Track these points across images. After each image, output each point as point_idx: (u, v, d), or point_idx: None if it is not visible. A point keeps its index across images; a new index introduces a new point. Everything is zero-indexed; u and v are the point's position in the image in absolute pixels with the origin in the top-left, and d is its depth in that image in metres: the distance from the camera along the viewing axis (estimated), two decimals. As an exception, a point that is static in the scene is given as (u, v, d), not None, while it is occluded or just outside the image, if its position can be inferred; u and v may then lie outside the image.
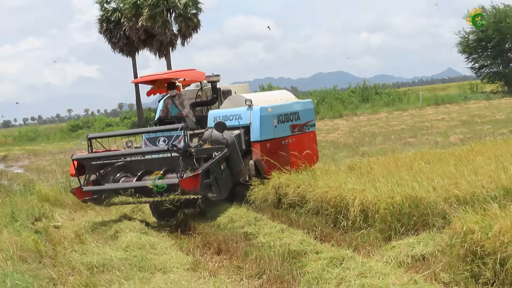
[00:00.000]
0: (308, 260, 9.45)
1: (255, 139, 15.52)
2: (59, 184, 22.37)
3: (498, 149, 14.57)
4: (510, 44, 74.39)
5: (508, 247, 7.11)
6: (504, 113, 39.16)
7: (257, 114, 15.60)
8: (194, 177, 13.37)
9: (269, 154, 15.42)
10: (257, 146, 15.48)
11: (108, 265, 10.15)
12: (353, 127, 41.00)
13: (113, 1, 57.09)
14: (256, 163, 15.38)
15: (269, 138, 15.76)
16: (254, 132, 15.54)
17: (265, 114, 15.74)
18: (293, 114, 16.99)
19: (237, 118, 15.48)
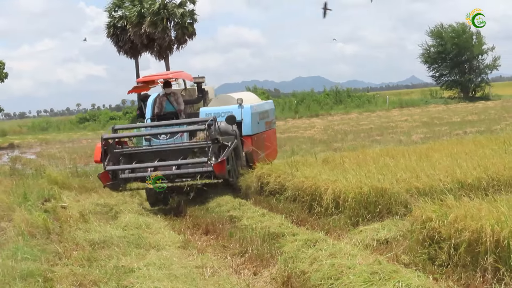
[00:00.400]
0: (285, 241, 9.40)
1: (247, 133, 15.56)
2: (67, 169, 22.29)
3: (453, 147, 14.59)
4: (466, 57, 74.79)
5: (462, 233, 7.09)
6: (459, 116, 39.27)
7: (248, 111, 15.71)
8: (221, 162, 13.46)
9: (256, 147, 15.59)
10: (248, 139, 15.54)
11: (108, 242, 10.14)
12: (327, 125, 41.01)
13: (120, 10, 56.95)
14: (247, 154, 15.41)
15: (256, 133, 15.95)
16: (246, 127, 15.56)
17: (253, 111, 15.88)
18: (266, 113, 17.23)
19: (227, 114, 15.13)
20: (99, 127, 67.40)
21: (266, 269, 8.51)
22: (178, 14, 53.77)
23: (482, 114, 40.53)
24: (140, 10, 54.00)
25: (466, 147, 14.30)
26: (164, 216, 13.62)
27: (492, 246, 6.73)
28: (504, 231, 6.66)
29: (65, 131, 68.41)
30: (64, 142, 46.87)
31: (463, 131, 26.70)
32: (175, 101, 16.25)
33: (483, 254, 6.84)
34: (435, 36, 76.17)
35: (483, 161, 11.43)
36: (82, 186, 18.34)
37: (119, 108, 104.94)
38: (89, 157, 30.77)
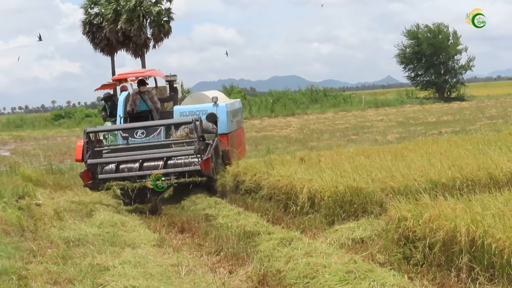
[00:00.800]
0: (261, 240, 9.42)
1: (223, 131, 15.47)
2: (41, 166, 22.14)
3: (428, 147, 14.67)
4: (442, 57, 75.25)
5: (436, 233, 7.14)
6: (435, 117, 39.53)
7: (223, 110, 15.68)
8: (207, 160, 13.49)
9: (230, 145, 15.59)
10: (224, 138, 15.51)
11: (83, 240, 10.08)
12: (303, 124, 41.09)
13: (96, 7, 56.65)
14: (223, 153, 15.36)
15: (230, 131, 15.96)
16: (222, 125, 15.46)
17: (228, 110, 15.88)
18: (237, 111, 17.30)
19: (204, 113, 15.18)
20: (74, 124, 66.95)
21: (241, 268, 8.49)
22: (154, 12, 53.66)
23: (457, 114, 40.84)
24: (116, 7, 53.79)
25: (441, 147, 14.38)
26: (140, 214, 13.58)
27: (467, 245, 6.78)
28: (479, 231, 6.71)
29: (40, 128, 67.85)
30: (39, 139, 46.54)
31: (438, 131, 26.88)
32: (149, 99, 16.01)
33: (457, 253, 6.89)
34: (411, 37, 76.57)
35: (457, 161, 11.52)
36: (57, 183, 18.22)
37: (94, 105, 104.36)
38: (64, 154, 30.66)
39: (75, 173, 20.36)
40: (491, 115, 37.62)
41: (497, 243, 6.47)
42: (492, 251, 6.50)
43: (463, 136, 17.97)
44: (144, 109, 15.91)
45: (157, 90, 17.52)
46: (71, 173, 20.62)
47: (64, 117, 74.28)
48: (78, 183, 18.31)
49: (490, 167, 10.82)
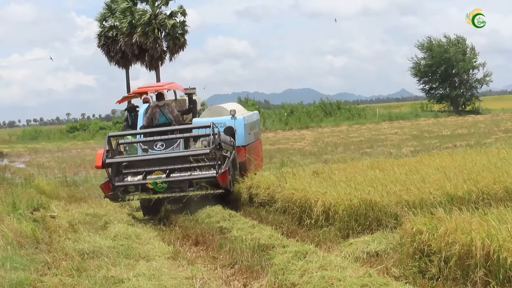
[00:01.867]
0: (275, 253, 9.40)
1: (240, 144, 15.63)
2: (56, 178, 22.25)
3: (443, 160, 14.61)
4: (455, 71, 75.03)
5: (452, 246, 7.11)
6: (449, 130, 39.41)
7: (241, 122, 15.85)
8: (224, 173, 13.69)
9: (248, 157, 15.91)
10: (242, 150, 15.67)
11: (97, 252, 10.09)
12: (317, 137, 41.06)
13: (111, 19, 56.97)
14: (240, 165, 15.52)
15: (248, 144, 16.14)
16: (239, 138, 15.62)
17: (246, 122, 16.04)
18: (254, 123, 17.44)
19: (222, 126, 15.23)
20: (89, 136, 67.29)
21: (256, 281, 8.49)
22: (169, 25, 53.92)
23: (472, 127, 40.68)
24: (131, 20, 54.09)
25: (456, 161, 14.32)
26: (154, 227, 13.61)
27: (482, 259, 6.75)
28: (494, 245, 6.69)
29: (54, 140, 68.24)
30: (53, 152, 46.76)
31: (453, 145, 26.79)
32: (169, 112, 16.07)
33: (473, 267, 6.86)
34: (425, 49, 76.45)
35: (473, 175, 11.46)
36: (72, 195, 18.32)
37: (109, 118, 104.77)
38: (79, 166, 30.78)
39: (90, 185, 20.48)
40: (506, 128, 37.45)
41: (512, 257, 6.44)
42: (508, 265, 6.47)
43: (478, 150, 17.90)
44: (164, 122, 15.92)
45: (177, 103, 17.57)
46: (85, 185, 20.72)
47: (78, 130, 74.71)
48: (93, 195, 18.43)
49: (506, 180, 10.75)
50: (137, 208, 16.15)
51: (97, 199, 17.90)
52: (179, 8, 55.23)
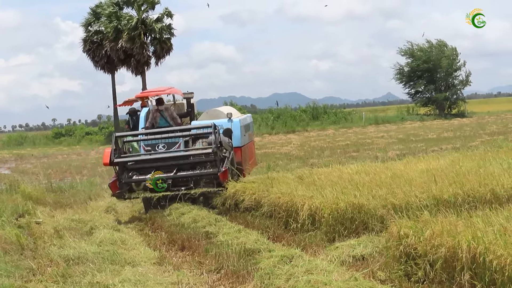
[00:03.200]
0: (261, 257, 9.38)
1: (237, 145, 16.31)
2: (41, 184, 22.12)
3: (429, 164, 14.65)
4: (441, 74, 75.27)
5: (438, 249, 7.12)
6: (435, 133, 39.52)
7: (237, 125, 16.65)
8: (225, 172, 14.64)
9: (243, 158, 16.56)
10: (238, 151, 16.33)
11: (83, 258, 10.04)
12: (304, 141, 41.06)
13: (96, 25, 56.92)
14: (237, 165, 16.07)
15: (243, 145, 16.81)
16: (236, 139, 16.35)
17: (241, 125, 16.81)
18: (248, 126, 18.34)
19: (220, 128, 15.68)
20: (75, 142, 67.11)
21: (242, 286, 8.48)
22: (157, 28, 53.88)
23: (458, 131, 40.81)
24: (116, 25, 54.02)
25: (442, 164, 14.36)
26: (140, 232, 13.57)
27: (468, 262, 6.76)
28: (480, 247, 6.69)
29: (40, 146, 67.96)
30: (39, 157, 46.56)
31: (439, 148, 26.86)
32: (169, 116, 16.81)
33: (459, 270, 6.86)
34: (407, 55, 76.74)
35: (458, 178, 11.50)
36: (57, 201, 18.24)
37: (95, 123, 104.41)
38: (64, 172, 30.66)
39: (75, 191, 20.40)
40: (491, 131, 37.60)
41: (498, 259, 6.45)
42: (494, 268, 6.48)
43: (464, 153, 17.95)
44: (164, 125, 16.59)
45: (175, 107, 18.33)
46: (71, 191, 20.62)
47: (64, 135, 74.45)
48: (79, 201, 18.38)
49: (491, 183, 10.80)
50: (122, 213, 16.10)
51: (82, 204, 17.86)
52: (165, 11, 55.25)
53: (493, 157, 14.79)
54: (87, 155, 46.25)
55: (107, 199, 18.23)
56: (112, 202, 17.24)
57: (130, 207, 17.09)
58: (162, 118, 16.81)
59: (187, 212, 14.06)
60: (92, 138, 67.76)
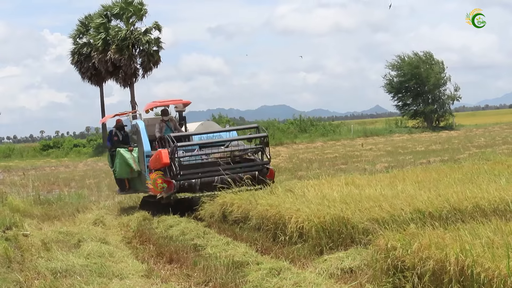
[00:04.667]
0: (249, 270, 9.39)
1: None
2: (29, 197, 22.04)
3: (417, 176, 14.70)
4: (427, 87, 75.51)
5: (426, 262, 7.13)
6: (423, 146, 39.62)
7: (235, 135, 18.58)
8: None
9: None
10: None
11: (70, 271, 10.00)
12: (292, 154, 41.09)
13: (85, 37, 56.90)
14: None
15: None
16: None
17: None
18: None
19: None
20: (63, 154, 66.89)
21: (230, 298, 8.46)
22: (144, 41, 53.89)
23: (446, 143, 40.93)
24: (105, 37, 54.00)
25: (429, 177, 14.41)
26: (128, 245, 13.52)
27: (456, 275, 6.77)
28: (468, 260, 6.71)
29: (28, 158, 67.73)
30: (27, 169, 46.33)
31: (427, 160, 26.92)
32: (173, 126, 18.33)
33: (447, 283, 6.88)
34: (395, 68, 77.05)
35: (446, 191, 11.54)
36: (45, 214, 18.17)
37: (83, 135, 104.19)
38: (52, 184, 30.55)
39: (63, 203, 20.33)
40: (479, 144, 37.73)
41: (486, 272, 6.47)
42: (482, 281, 6.49)
43: (451, 165, 18.01)
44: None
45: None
46: (59, 203, 20.55)
47: (52, 147, 74.10)
48: (66, 213, 18.31)
49: (477, 196, 10.84)
50: (110, 226, 16.05)
51: (70, 217, 17.79)
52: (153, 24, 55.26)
53: (481, 169, 14.85)
54: (75, 167, 46.13)
55: (95, 212, 18.19)
56: (100, 215, 17.20)
57: (118, 219, 17.05)
58: (167, 128, 18.05)
59: (175, 225, 14.08)
60: (80, 150, 67.54)
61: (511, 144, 34.96)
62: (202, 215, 14.80)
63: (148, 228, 14.74)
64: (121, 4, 54.35)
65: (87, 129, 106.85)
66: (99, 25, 54.73)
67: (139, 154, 17.84)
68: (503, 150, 29.52)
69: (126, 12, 54.53)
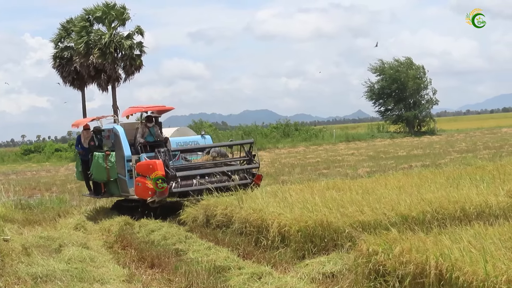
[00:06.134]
0: (231, 274, 9.40)
1: None
2: (10, 201, 21.89)
3: (399, 181, 14.75)
4: (408, 92, 75.83)
5: (407, 266, 7.17)
6: (405, 151, 39.78)
7: (210, 141, 19.53)
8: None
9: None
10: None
11: (51, 276, 9.96)
12: (274, 158, 41.12)
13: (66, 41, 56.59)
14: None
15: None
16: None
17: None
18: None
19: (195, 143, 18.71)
20: (44, 158, 66.54)
21: (211, 303, 8.45)
22: (126, 45, 53.72)
23: (427, 148, 41.12)
24: (87, 40, 53.80)
25: (411, 181, 14.46)
26: (109, 249, 13.48)
27: (435, 279, 6.80)
28: (447, 264, 6.75)
29: (9, 162, 67.34)
30: (7, 174, 46.12)
31: (408, 165, 27.02)
32: (156, 132, 18.58)
33: (427, 287, 6.90)
34: (378, 72, 77.36)
35: (427, 195, 11.58)
36: (26, 218, 18.08)
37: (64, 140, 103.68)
38: (33, 189, 30.38)
39: (44, 208, 20.23)
40: (460, 149, 37.95)
41: (464, 276, 6.51)
42: (460, 284, 6.53)
43: (433, 170, 18.09)
44: (151, 140, 18.29)
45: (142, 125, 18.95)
46: (40, 208, 20.45)
47: (33, 152, 73.70)
48: (47, 218, 18.21)
49: (459, 200, 10.90)
50: (91, 231, 16.00)
51: (51, 222, 17.71)
52: (136, 28, 55.09)
53: (462, 174, 14.93)
54: (56, 171, 45.91)
55: (76, 216, 18.13)
56: (81, 220, 17.16)
57: (99, 224, 16.98)
58: (149, 134, 18.33)
59: (157, 229, 14.06)
60: (61, 155, 67.18)
61: (492, 149, 35.17)
62: (184, 219, 14.78)
63: (129, 233, 14.70)
64: (104, 8, 54.11)
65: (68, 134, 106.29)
66: (81, 29, 54.46)
67: (118, 158, 17.78)
68: (484, 155, 29.69)
69: (109, 16, 54.31)
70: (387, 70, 75.96)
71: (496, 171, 14.97)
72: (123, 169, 17.46)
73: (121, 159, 17.59)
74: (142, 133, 18.19)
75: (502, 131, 66.19)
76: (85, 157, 19.13)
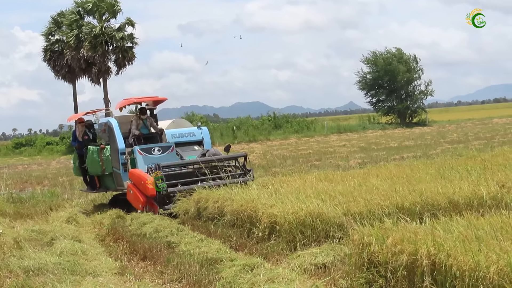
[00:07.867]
0: (223, 266, 9.38)
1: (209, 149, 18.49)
2: (1, 195, 21.84)
3: (391, 172, 14.77)
4: (400, 84, 75.94)
5: (399, 256, 7.15)
6: (396, 142, 39.87)
7: (206, 132, 19.27)
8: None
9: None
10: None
11: (43, 269, 9.91)
12: (266, 150, 41.13)
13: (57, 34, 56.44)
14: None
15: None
16: (207, 145, 18.95)
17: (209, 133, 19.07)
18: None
19: (191, 135, 18.96)
20: (36, 152, 66.32)
21: (204, 295, 8.44)
22: (118, 37, 53.59)
23: (419, 139, 41.21)
24: (78, 33, 53.64)
25: (403, 172, 14.48)
26: (101, 242, 13.45)
27: (428, 269, 6.80)
28: (440, 254, 6.74)
29: (0, 156, 67.14)
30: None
31: (400, 156, 27.07)
32: (151, 124, 18.64)
33: (419, 277, 6.90)
34: (370, 63, 77.42)
35: (419, 186, 11.60)
36: (17, 212, 18.02)
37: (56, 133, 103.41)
38: (25, 182, 30.31)
39: (36, 202, 20.19)
40: (452, 139, 38.04)
41: (458, 265, 6.50)
42: (453, 274, 6.53)
43: (424, 161, 18.12)
44: (146, 133, 18.41)
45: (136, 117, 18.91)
46: (31, 202, 20.40)
47: (25, 145, 73.40)
48: (39, 211, 18.16)
49: (450, 191, 10.92)
50: (83, 224, 15.97)
51: (43, 215, 17.67)
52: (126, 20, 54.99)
53: (453, 165, 14.95)
54: (48, 165, 45.80)
55: (68, 210, 18.08)
56: (73, 213, 17.10)
57: (91, 217, 16.96)
58: (143, 126, 18.40)
59: (149, 222, 14.03)
60: (53, 148, 66.98)
61: (483, 139, 35.28)
62: (176, 211, 14.77)
63: (121, 225, 14.67)
64: (95, 0, 53.99)
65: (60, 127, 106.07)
66: (72, 22, 54.33)
67: (112, 151, 17.73)
68: (475, 145, 29.77)
69: (99, 8, 54.20)
70: (379, 61, 76.02)
71: (488, 161, 15.00)
72: (118, 162, 17.40)
73: (115, 152, 17.54)
74: (136, 125, 18.24)
75: (493, 121, 66.42)
76: (81, 151, 19.10)
